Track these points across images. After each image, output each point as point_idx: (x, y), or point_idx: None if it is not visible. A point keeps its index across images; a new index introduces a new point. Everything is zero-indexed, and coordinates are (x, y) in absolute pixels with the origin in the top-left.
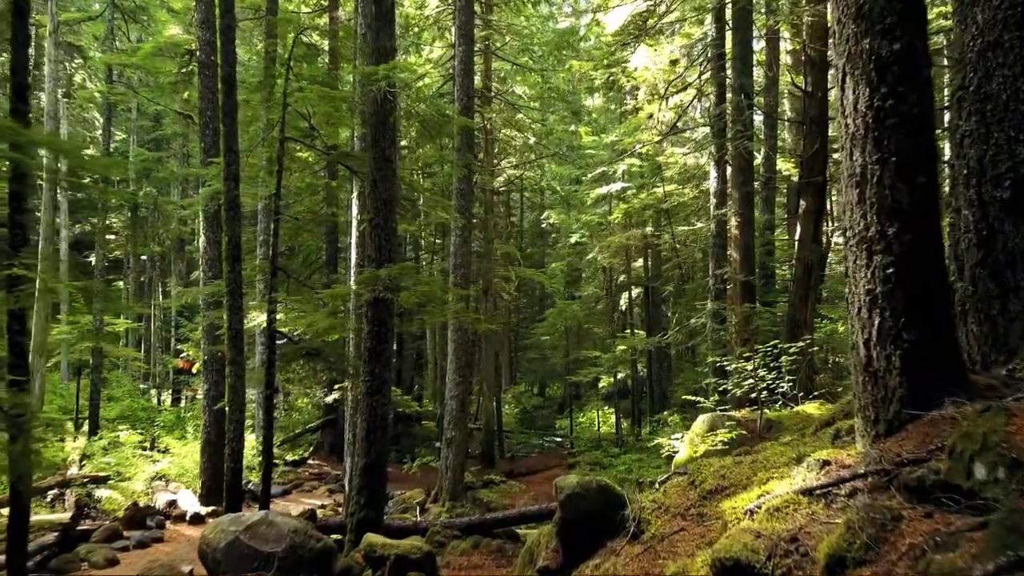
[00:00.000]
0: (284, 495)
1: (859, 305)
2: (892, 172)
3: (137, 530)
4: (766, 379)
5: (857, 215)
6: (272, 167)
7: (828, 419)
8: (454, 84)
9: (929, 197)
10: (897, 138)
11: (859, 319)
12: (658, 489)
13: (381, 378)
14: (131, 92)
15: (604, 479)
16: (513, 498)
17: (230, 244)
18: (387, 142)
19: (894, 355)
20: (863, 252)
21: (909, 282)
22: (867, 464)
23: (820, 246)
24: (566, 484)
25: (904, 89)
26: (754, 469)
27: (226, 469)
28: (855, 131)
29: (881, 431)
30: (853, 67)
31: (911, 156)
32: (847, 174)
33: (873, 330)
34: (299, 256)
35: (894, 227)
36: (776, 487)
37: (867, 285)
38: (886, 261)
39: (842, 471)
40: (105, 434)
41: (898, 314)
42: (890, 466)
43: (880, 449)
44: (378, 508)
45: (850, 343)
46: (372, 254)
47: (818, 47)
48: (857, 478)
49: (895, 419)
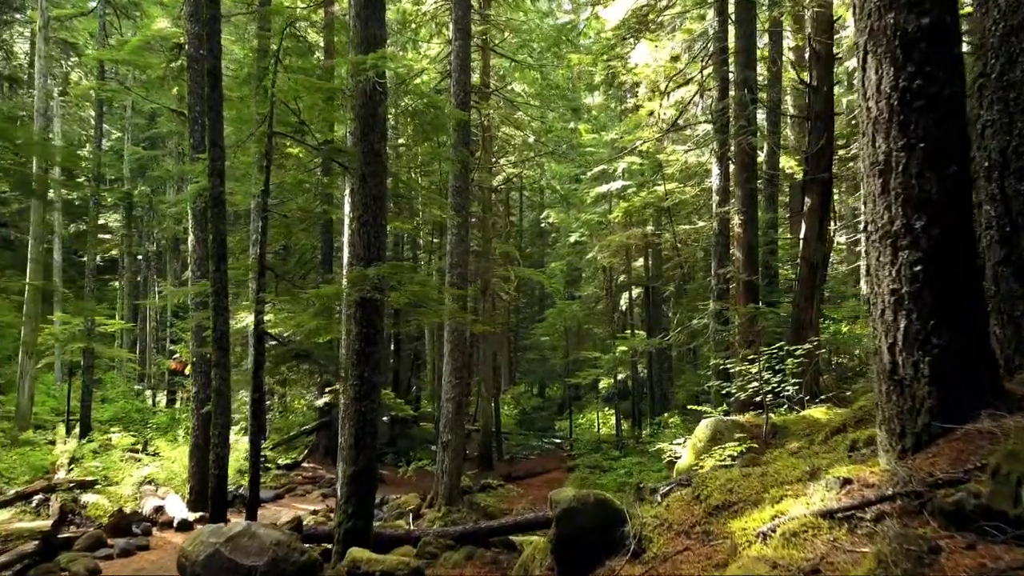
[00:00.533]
0: (276, 500)
1: (882, 306)
2: (920, 160)
3: (122, 537)
4: (771, 382)
5: (880, 207)
6: (260, 163)
7: (839, 426)
8: (451, 80)
9: (960, 187)
10: (925, 122)
11: (882, 322)
12: (660, 502)
13: (370, 382)
14: (123, 89)
15: (602, 493)
16: (511, 502)
17: (215, 242)
18: (377, 135)
19: (922, 362)
20: (887, 248)
21: (938, 281)
22: (895, 484)
23: (825, 245)
24: (561, 497)
25: (933, 68)
26: (764, 483)
27: (210, 476)
28: (878, 115)
29: (908, 446)
30: (876, 44)
31: (940, 142)
32: (869, 162)
33: (898, 334)
34: (294, 256)
35: (922, 220)
36: (791, 507)
37: (892, 284)
38: (913, 258)
39: (866, 491)
40: (96, 436)
41: (926, 316)
42: (922, 487)
43: (909, 467)
44: (366, 518)
45: (872, 348)
46: (361, 252)
47: (823, 39)
48: (884, 500)
49: (924, 433)
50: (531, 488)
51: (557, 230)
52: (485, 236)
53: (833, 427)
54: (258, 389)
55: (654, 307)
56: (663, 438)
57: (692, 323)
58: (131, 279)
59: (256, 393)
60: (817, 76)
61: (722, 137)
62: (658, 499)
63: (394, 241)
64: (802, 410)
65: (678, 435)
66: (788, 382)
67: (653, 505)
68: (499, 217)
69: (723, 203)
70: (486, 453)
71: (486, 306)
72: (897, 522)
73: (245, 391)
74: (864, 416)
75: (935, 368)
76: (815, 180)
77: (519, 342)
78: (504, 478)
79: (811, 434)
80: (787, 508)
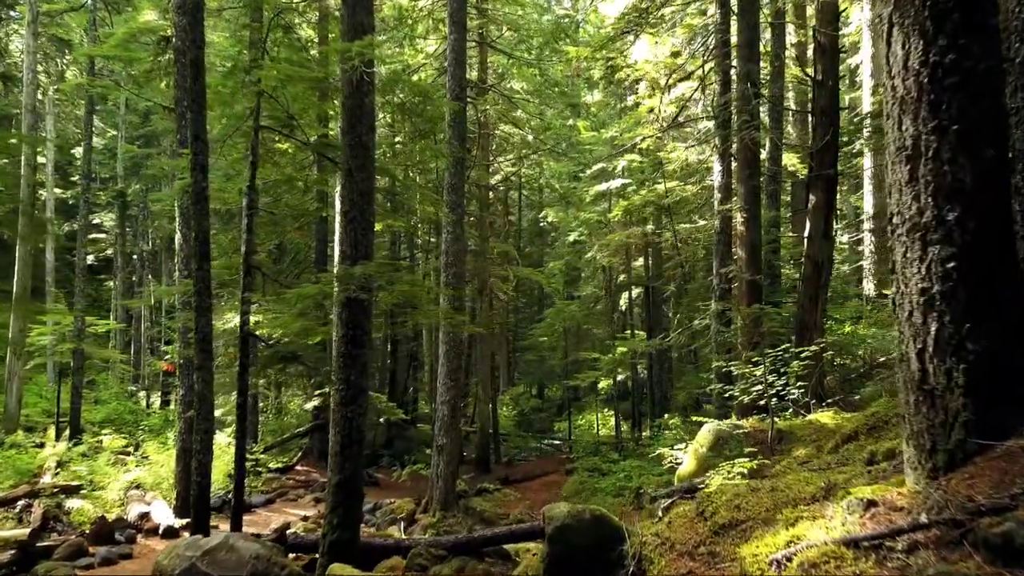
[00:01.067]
0: (268, 504)
1: (910, 308)
2: (952, 143)
3: (104, 545)
4: (775, 385)
5: (908, 197)
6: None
7: (850, 433)
8: (447, 75)
9: (997, 174)
10: (958, 101)
11: (910, 325)
12: (662, 517)
13: (356, 386)
14: (113, 85)
15: (599, 508)
16: (508, 507)
17: (198, 240)
18: (364, 127)
19: (956, 369)
20: (916, 242)
21: (974, 278)
22: (928, 509)
23: (831, 243)
24: (555, 513)
25: (967, 41)
26: (775, 499)
27: (192, 483)
28: (905, 94)
29: (940, 464)
30: (903, 15)
31: (976, 123)
32: (895, 147)
33: (929, 338)
34: (289, 255)
35: (955, 211)
36: (808, 531)
37: (921, 283)
38: (945, 253)
39: (894, 516)
40: (87, 439)
41: (960, 318)
42: (962, 515)
43: (943, 489)
44: (353, 528)
45: (898, 354)
46: (347, 250)
47: (828, 31)
48: (918, 529)
49: (958, 450)
50: (529, 492)
51: (556, 229)
52: (482, 235)
53: (844, 435)
54: (243, 392)
55: (654, 307)
56: (663, 441)
57: (693, 324)
58: (125, 279)
59: (241, 397)
60: (822, 69)
61: (724, 133)
62: (659, 513)
63: (391, 240)
64: (808, 414)
65: (678, 438)
66: (793, 385)
67: (654, 521)
68: (497, 216)
69: (725, 200)
70: (484, 455)
71: (483, 306)
72: (934, 555)
73: (235, 393)
74: (877, 423)
75: (970, 377)
76: (820, 176)
77: (518, 342)
78: (501, 481)
79: (819, 440)
80: (804, 533)
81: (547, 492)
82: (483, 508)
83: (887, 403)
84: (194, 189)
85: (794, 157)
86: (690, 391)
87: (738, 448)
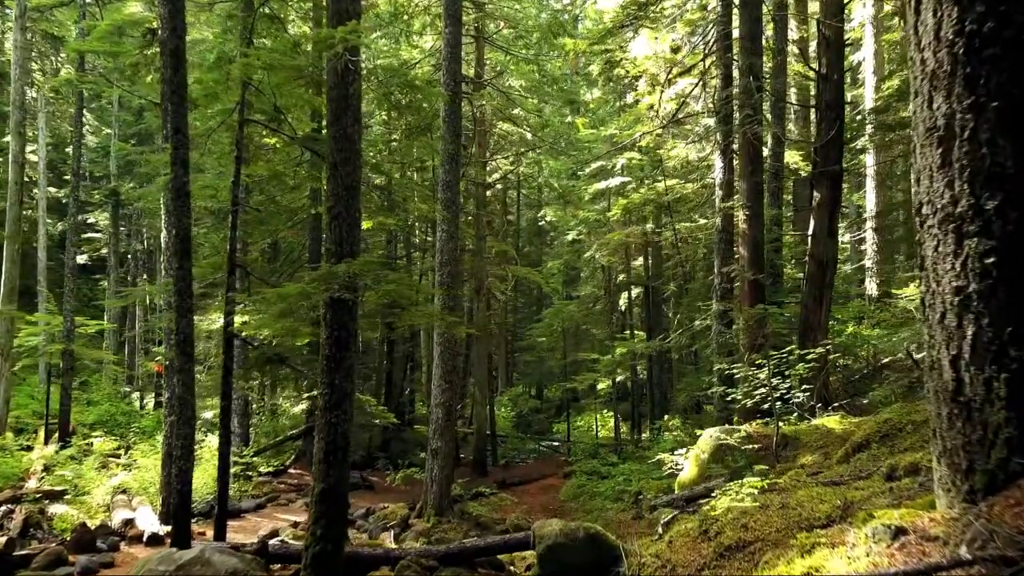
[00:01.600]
0: (258, 509)
1: (942, 309)
2: (991, 123)
3: (85, 554)
4: (780, 388)
5: (939, 184)
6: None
7: (861, 441)
8: (442, 69)
9: None
10: (998, 75)
11: (942, 328)
12: (662, 536)
13: (341, 390)
14: (103, 80)
15: (594, 526)
16: (504, 511)
17: (178, 237)
18: (350, 119)
19: (996, 379)
20: (949, 235)
21: (1016, 275)
22: (968, 541)
23: (835, 241)
24: (546, 532)
25: (1008, 7)
26: (786, 518)
27: (171, 492)
28: (936, 68)
29: (978, 486)
30: None
31: (1018, 100)
32: (924, 128)
33: (964, 344)
34: (283, 254)
35: (994, 199)
36: (827, 561)
37: (955, 281)
38: (983, 247)
39: (928, 547)
40: (77, 441)
41: (1001, 321)
42: (1013, 550)
43: (985, 517)
44: (336, 540)
45: (927, 361)
46: (331, 247)
47: (834, 23)
48: (959, 565)
49: (999, 470)
50: (526, 495)
51: (555, 228)
52: (479, 234)
53: (855, 443)
54: (227, 396)
55: (654, 307)
56: (663, 443)
57: (694, 324)
58: (119, 278)
59: (225, 400)
60: (827, 63)
61: (726, 128)
62: (659, 529)
63: (387, 239)
64: (813, 418)
65: (679, 441)
66: (797, 388)
67: (653, 538)
68: (496, 215)
69: (727, 197)
70: (480, 458)
71: (480, 306)
72: None
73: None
74: (890, 431)
75: (1013, 387)
76: (824, 173)
77: (517, 343)
78: (498, 484)
79: (826, 447)
80: (822, 564)
81: (545, 495)
82: (479, 513)
83: (900, 409)
84: (174, 184)
85: (796, 154)
86: (691, 392)
87: (742, 459)
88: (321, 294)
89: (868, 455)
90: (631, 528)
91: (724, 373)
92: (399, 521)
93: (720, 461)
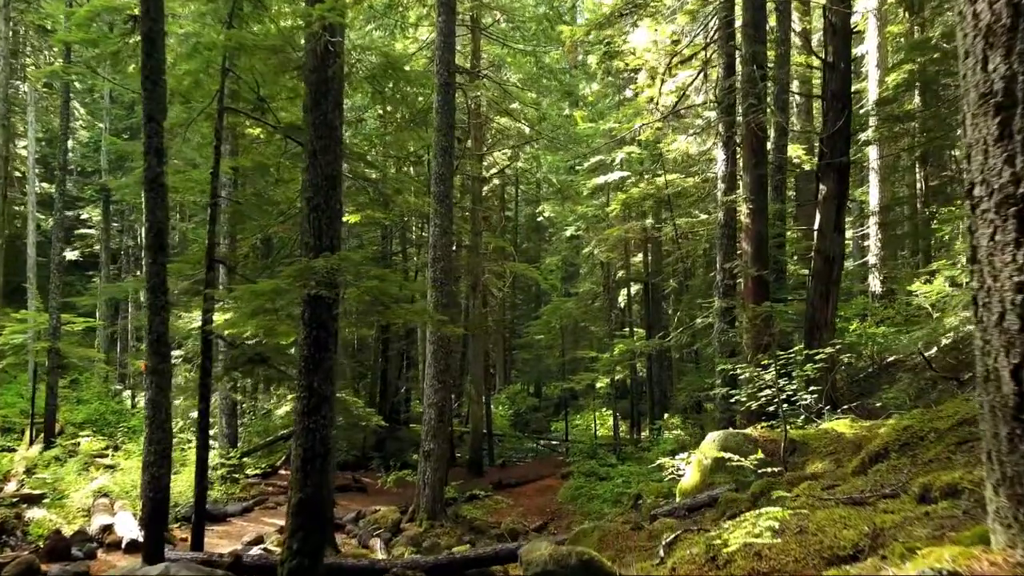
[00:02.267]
0: (245, 513)
1: (1000, 309)
2: None
3: (59, 562)
4: (786, 389)
5: (996, 160)
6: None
7: (879, 450)
8: (435, 59)
9: None
10: None
11: (1001, 331)
12: (664, 560)
13: (320, 394)
14: (89, 71)
15: (588, 551)
16: (499, 515)
17: (151, 232)
18: (330, 104)
19: None
20: (1009, 220)
21: None
22: None
23: (842, 236)
24: (535, 558)
25: None
26: (805, 546)
27: (144, 500)
28: (993, 22)
29: None
30: None
31: None
32: (976, 94)
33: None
34: (276, 249)
35: None
36: None
37: (1016, 275)
38: None
39: None
40: (63, 441)
41: None
42: None
43: None
44: (314, 555)
45: (980, 371)
46: (310, 241)
47: (841, 9)
48: None
49: None
50: (523, 497)
51: (553, 224)
52: (475, 229)
53: (871, 451)
54: (205, 398)
55: (654, 304)
56: (663, 443)
57: (695, 322)
58: (111, 275)
59: (203, 403)
60: (833, 51)
61: (728, 119)
62: (660, 551)
63: (382, 234)
64: (820, 421)
65: (679, 441)
66: (804, 390)
67: (654, 563)
68: (493, 211)
69: (729, 190)
70: (476, 458)
71: (476, 303)
72: None
73: (215, 396)
74: (910, 440)
75: None
76: (831, 165)
77: (515, 340)
78: (495, 486)
79: (837, 453)
80: None
81: (542, 497)
82: (473, 516)
83: (921, 415)
84: (147, 175)
85: (799, 148)
86: (691, 391)
87: (751, 473)
88: (298, 291)
89: (888, 466)
90: (630, 541)
91: (728, 374)
92: (390, 526)
93: (723, 468)
